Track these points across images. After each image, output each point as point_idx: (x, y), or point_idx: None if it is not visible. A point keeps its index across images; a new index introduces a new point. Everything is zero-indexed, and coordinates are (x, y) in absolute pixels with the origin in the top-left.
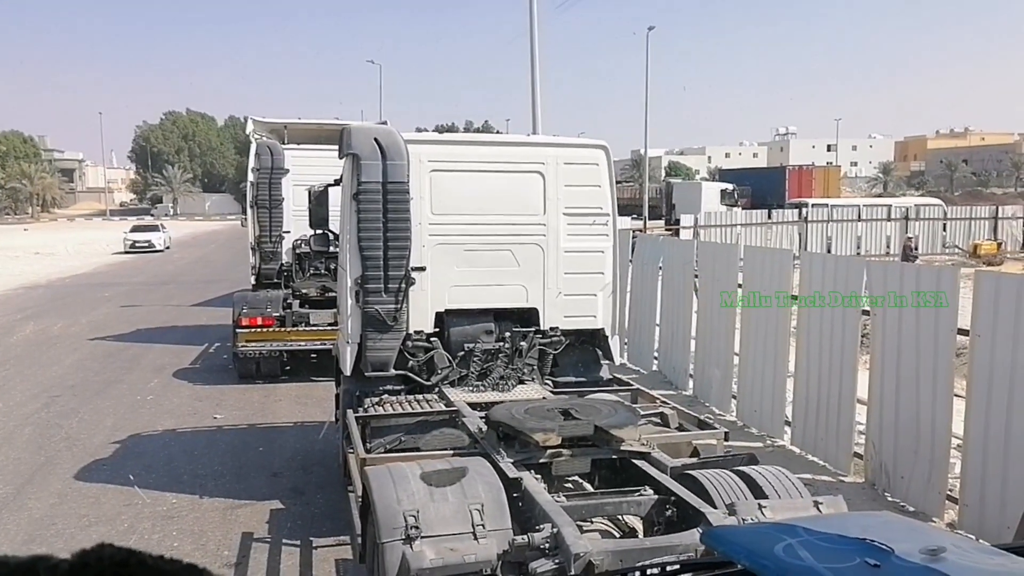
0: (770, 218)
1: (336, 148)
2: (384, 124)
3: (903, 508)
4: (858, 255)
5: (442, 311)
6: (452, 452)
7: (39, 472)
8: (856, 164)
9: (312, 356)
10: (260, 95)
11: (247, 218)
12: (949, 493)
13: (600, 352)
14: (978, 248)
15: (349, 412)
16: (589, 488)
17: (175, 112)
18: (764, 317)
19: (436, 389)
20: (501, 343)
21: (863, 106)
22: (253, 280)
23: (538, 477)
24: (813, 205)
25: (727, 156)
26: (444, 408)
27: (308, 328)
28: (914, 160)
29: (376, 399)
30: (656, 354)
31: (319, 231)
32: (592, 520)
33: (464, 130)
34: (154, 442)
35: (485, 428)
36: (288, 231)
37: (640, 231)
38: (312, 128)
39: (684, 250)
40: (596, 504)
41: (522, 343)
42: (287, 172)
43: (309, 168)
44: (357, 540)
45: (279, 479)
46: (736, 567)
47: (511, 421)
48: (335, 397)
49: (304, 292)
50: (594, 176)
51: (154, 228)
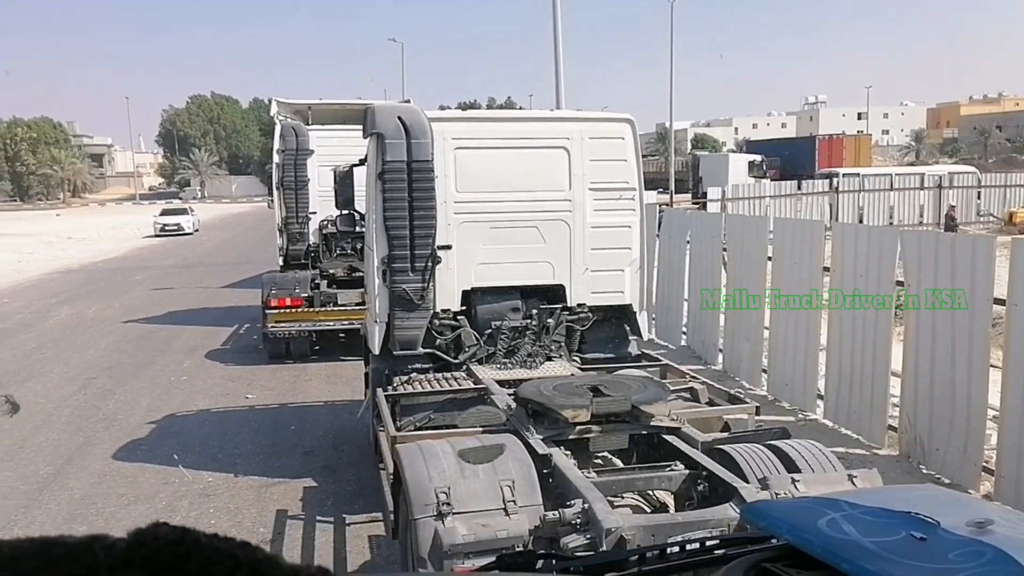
0: (800, 189)
1: (360, 128)
2: (407, 103)
3: (938, 480)
4: (891, 225)
5: (469, 289)
6: (482, 429)
7: (78, 452)
8: (888, 132)
9: (340, 336)
10: (283, 77)
11: (273, 200)
12: (985, 465)
13: (628, 328)
14: (1013, 216)
15: (379, 391)
16: (619, 464)
17: (200, 96)
18: (795, 289)
19: (464, 367)
20: (528, 320)
21: (894, 73)
22: (281, 261)
23: (568, 453)
24: (844, 175)
25: (755, 127)
26: (472, 386)
27: (336, 308)
28: (947, 127)
29: (405, 377)
30: (684, 329)
31: (345, 211)
32: (623, 496)
33: (487, 107)
34: (189, 422)
35: (514, 405)
36: (314, 212)
37: (666, 205)
38: (336, 108)
39: (712, 223)
40: (627, 480)
41: (549, 320)
42: (312, 153)
43: (334, 148)
44: (389, 517)
45: (311, 457)
46: (773, 542)
47: (540, 398)
48: (364, 376)
49: (331, 272)
50: (620, 150)
51: (183, 211)
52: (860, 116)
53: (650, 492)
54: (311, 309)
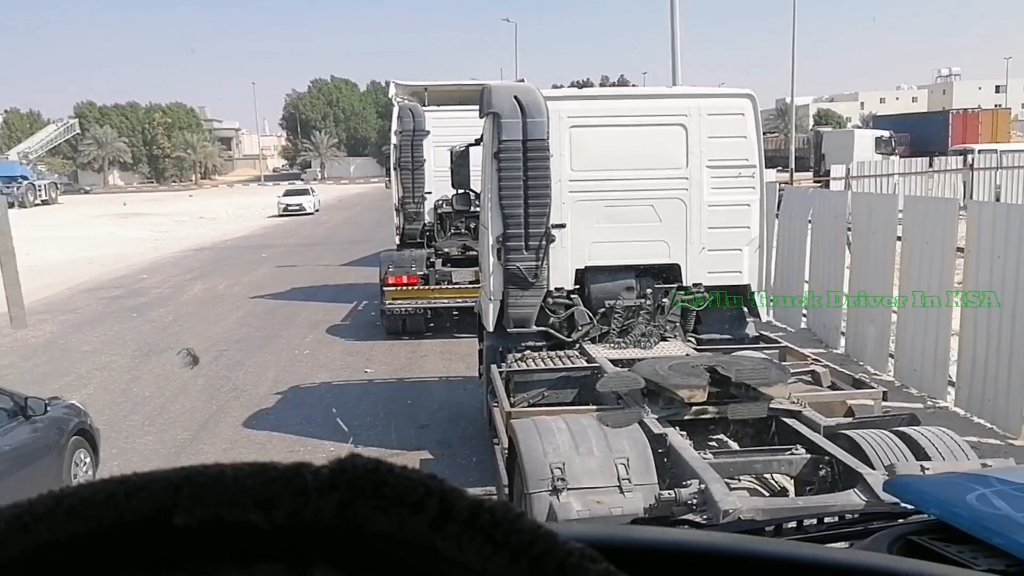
0: (931, 166)
1: (476, 108)
2: (523, 82)
3: None
4: None
5: (582, 268)
6: (596, 408)
7: (211, 420)
8: None
9: (454, 313)
10: (398, 59)
11: (391, 180)
12: None
13: (746, 309)
14: None
15: (493, 367)
16: (735, 447)
17: (321, 79)
18: (926, 271)
19: (577, 345)
20: (642, 300)
21: None
22: (397, 240)
23: (683, 434)
24: (980, 151)
25: (882, 102)
26: (586, 364)
27: (450, 286)
28: None
29: (518, 355)
30: (805, 311)
31: (460, 191)
32: (739, 478)
33: (600, 85)
34: (312, 394)
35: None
36: (430, 192)
37: (786, 183)
38: (452, 89)
39: (836, 202)
40: (744, 462)
41: (664, 299)
42: (428, 134)
43: (450, 129)
44: (504, 491)
45: (427, 431)
46: (910, 517)
47: (655, 377)
48: (478, 353)
49: (446, 251)
50: (739, 127)
51: (304, 192)
52: (999, 89)
53: (768, 476)
54: (427, 287)
